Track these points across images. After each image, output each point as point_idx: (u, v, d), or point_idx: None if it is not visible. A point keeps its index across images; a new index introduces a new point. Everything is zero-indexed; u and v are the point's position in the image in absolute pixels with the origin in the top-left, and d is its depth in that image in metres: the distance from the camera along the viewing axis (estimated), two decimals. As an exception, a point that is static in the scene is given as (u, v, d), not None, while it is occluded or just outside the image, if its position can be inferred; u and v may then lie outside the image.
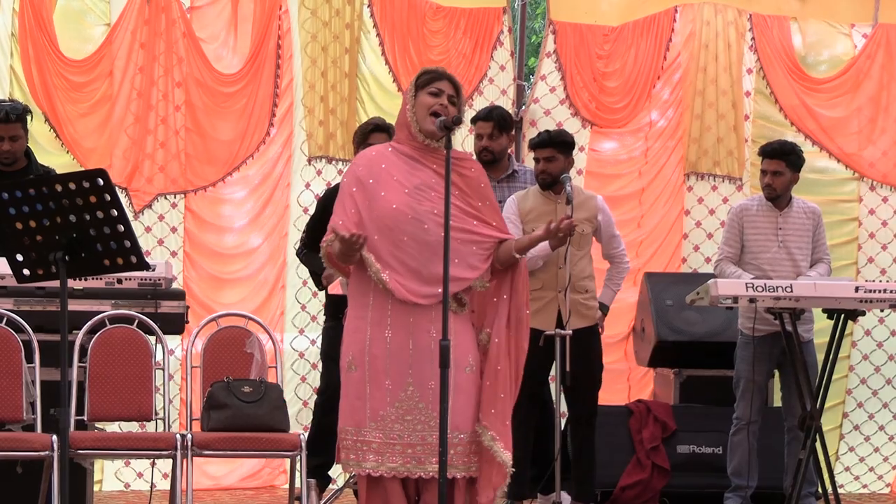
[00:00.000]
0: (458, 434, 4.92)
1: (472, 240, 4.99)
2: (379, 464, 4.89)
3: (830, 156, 9.69)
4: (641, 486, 8.22)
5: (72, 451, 6.28)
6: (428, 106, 4.98)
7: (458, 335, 4.95)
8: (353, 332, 4.98)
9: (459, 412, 4.91)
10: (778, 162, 7.57)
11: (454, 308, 4.95)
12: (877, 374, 9.63)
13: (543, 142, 7.25)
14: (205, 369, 6.91)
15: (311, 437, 7.18)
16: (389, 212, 4.91)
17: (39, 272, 4.59)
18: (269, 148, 9.01)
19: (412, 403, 4.88)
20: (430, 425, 4.89)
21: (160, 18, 8.83)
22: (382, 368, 4.89)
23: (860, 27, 9.83)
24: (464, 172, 5.03)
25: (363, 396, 4.91)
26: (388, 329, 4.90)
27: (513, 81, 9.40)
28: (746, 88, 9.63)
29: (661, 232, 9.52)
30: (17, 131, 7.04)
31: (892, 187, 9.72)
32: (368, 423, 4.90)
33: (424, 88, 5.00)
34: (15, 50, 8.64)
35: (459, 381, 4.92)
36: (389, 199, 4.92)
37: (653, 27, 9.56)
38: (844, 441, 9.54)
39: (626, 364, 9.25)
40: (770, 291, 6.83)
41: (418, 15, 9.24)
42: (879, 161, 9.73)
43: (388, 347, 4.89)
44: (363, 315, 4.96)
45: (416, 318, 4.87)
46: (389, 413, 4.88)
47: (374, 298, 4.94)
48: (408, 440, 4.88)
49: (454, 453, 4.91)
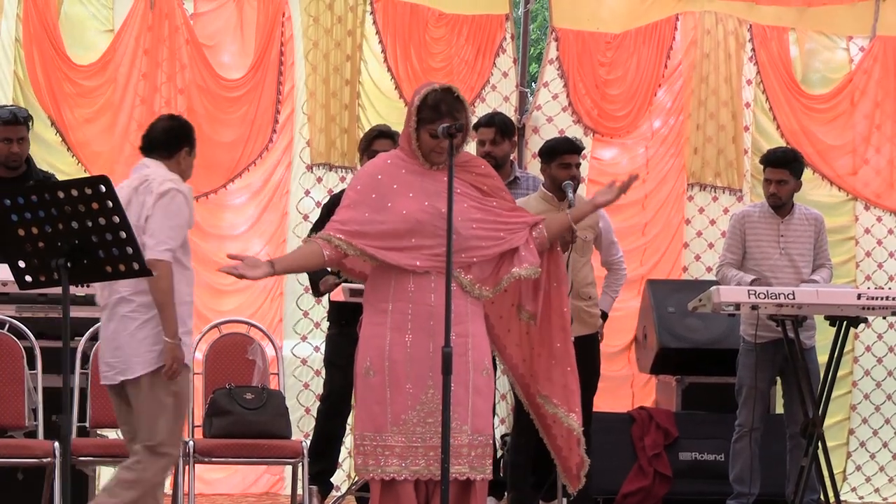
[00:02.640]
0: (478, 436, 4.97)
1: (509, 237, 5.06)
2: (402, 468, 4.91)
3: (823, 178, 9.68)
4: (643, 493, 8.21)
5: (73, 458, 6.28)
6: (430, 147, 4.98)
7: (476, 337, 4.99)
8: (370, 338, 4.99)
9: (479, 414, 4.96)
10: (782, 171, 7.57)
11: (461, 281, 4.97)
12: (878, 389, 9.64)
13: (578, 148, 7.26)
14: (207, 376, 6.91)
15: (314, 444, 7.18)
16: (403, 218, 4.92)
17: (41, 278, 4.60)
18: (271, 155, 9.01)
19: (433, 406, 4.89)
20: (451, 427, 4.91)
21: (163, 25, 8.84)
22: (403, 373, 4.91)
23: (858, 39, 9.83)
24: (475, 171, 5.07)
25: (384, 401, 4.92)
26: (408, 333, 4.92)
27: (515, 88, 9.40)
28: (746, 100, 9.64)
29: (663, 241, 9.52)
30: (24, 133, 7.10)
31: (885, 210, 9.73)
32: (390, 428, 4.91)
33: (425, 127, 4.98)
34: (19, 56, 8.64)
35: (478, 384, 4.97)
36: (405, 206, 4.94)
37: (654, 35, 9.57)
38: (852, 460, 9.52)
39: (629, 371, 9.25)
40: (772, 298, 6.82)
41: (421, 22, 9.25)
42: (873, 181, 9.74)
43: (408, 351, 4.90)
44: (381, 321, 4.97)
45: (436, 321, 4.87)
46: (411, 417, 4.90)
47: (394, 304, 4.96)
48: (430, 443, 4.89)
49: (475, 455, 4.96)
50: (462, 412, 4.93)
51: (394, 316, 4.95)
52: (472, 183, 5.04)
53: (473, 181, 5.05)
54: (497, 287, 5.05)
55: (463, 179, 5.02)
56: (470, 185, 5.03)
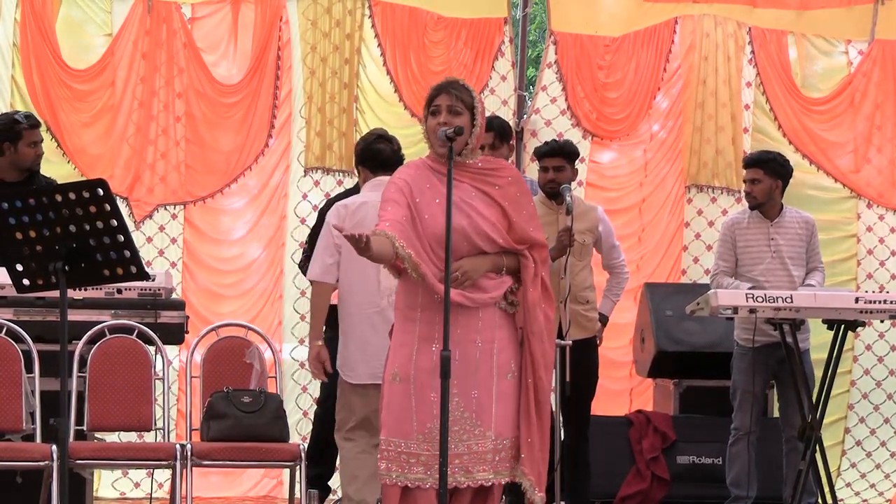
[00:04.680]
0: (502, 440, 4.96)
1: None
2: (427, 476, 4.90)
3: (827, 175, 9.70)
4: (641, 496, 8.21)
5: (71, 462, 6.28)
6: (432, 129, 4.99)
7: (501, 341, 4.99)
8: (399, 346, 4.99)
9: (502, 418, 4.94)
10: (755, 170, 7.59)
11: (503, 307, 4.99)
12: (878, 388, 9.64)
13: (554, 150, 7.25)
14: (204, 379, 6.91)
15: (311, 447, 7.18)
16: (429, 226, 4.92)
17: (39, 282, 4.59)
18: (268, 159, 9.02)
19: (457, 414, 4.88)
20: (475, 434, 4.92)
21: (161, 29, 8.85)
22: (428, 382, 4.89)
23: (856, 43, 9.84)
24: (497, 182, 5.05)
25: (409, 409, 4.92)
26: (435, 343, 4.90)
27: (514, 92, 9.41)
28: (746, 101, 9.64)
29: (662, 243, 9.52)
30: (41, 137, 7.15)
31: (887, 208, 9.74)
32: (416, 436, 4.91)
33: (429, 110, 5.02)
34: (16, 60, 8.64)
35: (502, 388, 4.96)
36: (431, 214, 4.93)
37: (653, 38, 9.57)
38: (847, 457, 9.53)
39: (628, 377, 9.26)
40: (770, 302, 6.83)
41: (419, 25, 9.25)
42: (875, 180, 9.75)
43: (434, 361, 4.87)
44: (411, 329, 4.97)
45: (464, 330, 4.89)
46: (436, 425, 4.85)
47: (422, 313, 4.95)
48: (455, 451, 4.88)
49: (499, 459, 4.96)
50: (486, 418, 4.93)
51: (422, 325, 4.95)
52: (490, 193, 5.01)
53: (492, 192, 5.01)
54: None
55: (485, 192, 5.01)
56: (485, 195, 5.00)
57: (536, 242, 5.04)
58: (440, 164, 5.00)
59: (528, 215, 5.06)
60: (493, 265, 4.99)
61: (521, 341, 5.02)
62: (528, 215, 5.06)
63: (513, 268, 5.02)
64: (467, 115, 5.00)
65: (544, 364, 5.00)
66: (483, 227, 4.96)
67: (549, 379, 5.07)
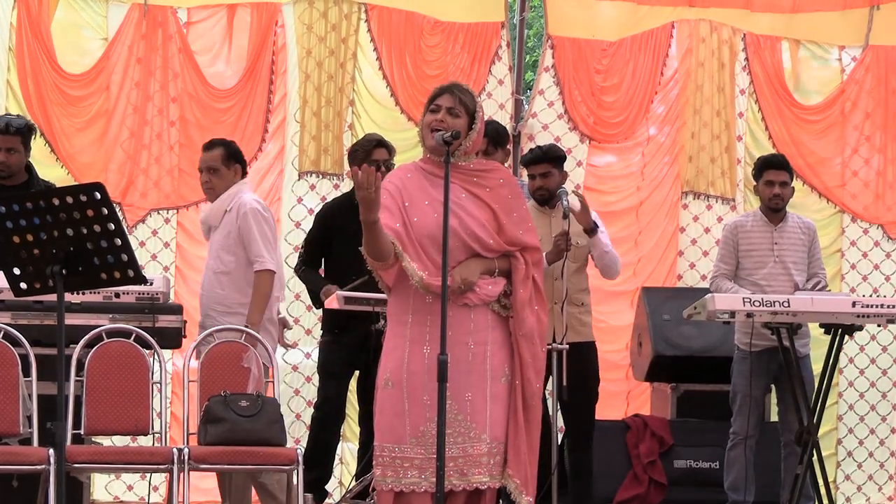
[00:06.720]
0: (496, 443, 4.96)
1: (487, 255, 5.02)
2: (422, 479, 4.90)
3: (812, 190, 9.67)
4: (638, 500, 8.21)
5: (68, 465, 6.26)
6: (428, 124, 5.01)
7: (495, 344, 4.99)
8: (391, 351, 5.00)
9: (496, 421, 4.95)
10: (784, 172, 7.60)
11: (497, 309, 5.00)
12: (861, 400, 9.63)
13: (538, 157, 7.23)
14: (202, 384, 6.90)
15: (308, 452, 7.17)
16: (418, 227, 4.93)
17: (37, 286, 4.58)
18: (261, 163, 9.01)
19: (451, 416, 4.88)
20: (469, 437, 4.93)
21: (157, 33, 8.84)
22: (420, 384, 4.90)
23: (850, 49, 9.83)
24: (488, 184, 5.06)
25: (402, 413, 4.92)
26: (426, 345, 4.92)
27: (511, 96, 9.41)
28: (739, 109, 9.64)
29: (658, 248, 9.52)
30: (14, 144, 7.06)
31: (871, 223, 9.73)
32: (409, 440, 4.91)
33: (428, 108, 5.03)
34: (12, 64, 8.63)
35: (495, 391, 4.96)
36: (420, 216, 4.94)
37: (650, 42, 9.57)
38: (841, 469, 9.52)
39: (625, 380, 9.25)
40: (767, 306, 6.83)
41: (416, 29, 9.24)
42: (861, 192, 9.73)
43: (426, 363, 4.89)
44: (401, 333, 4.98)
45: (455, 332, 4.89)
46: (430, 428, 4.87)
47: (413, 316, 4.96)
48: (449, 454, 4.88)
49: (493, 463, 4.95)
50: (481, 421, 4.93)
51: (413, 328, 4.96)
52: (480, 195, 5.02)
53: (482, 194, 5.03)
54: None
55: (475, 194, 5.02)
56: (476, 197, 5.01)
57: (528, 245, 5.04)
58: (431, 164, 5.03)
59: (520, 217, 5.06)
60: (485, 268, 5.00)
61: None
62: (519, 217, 5.06)
63: (506, 270, 5.04)
64: (466, 119, 5.02)
65: (534, 366, 5.00)
66: (473, 228, 4.96)
67: (540, 382, 5.06)
